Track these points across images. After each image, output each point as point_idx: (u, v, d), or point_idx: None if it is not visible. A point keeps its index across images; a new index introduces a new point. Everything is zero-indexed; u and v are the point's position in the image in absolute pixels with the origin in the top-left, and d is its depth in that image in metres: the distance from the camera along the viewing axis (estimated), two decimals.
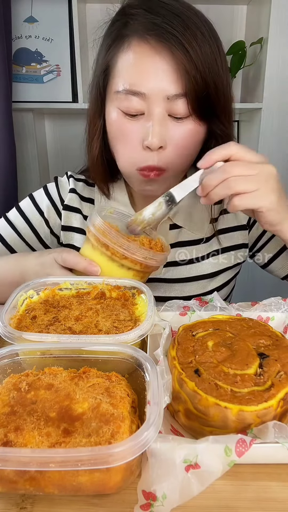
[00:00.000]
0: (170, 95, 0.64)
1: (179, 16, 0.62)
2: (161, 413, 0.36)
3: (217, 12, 1.71)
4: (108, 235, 0.60)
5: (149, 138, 0.65)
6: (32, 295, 0.59)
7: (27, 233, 0.84)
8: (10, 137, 1.55)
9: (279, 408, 0.41)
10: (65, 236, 0.86)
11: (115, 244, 0.60)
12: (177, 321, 0.57)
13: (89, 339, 0.47)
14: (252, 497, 0.37)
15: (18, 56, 1.66)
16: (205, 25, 0.65)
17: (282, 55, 1.57)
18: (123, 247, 0.60)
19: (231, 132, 0.74)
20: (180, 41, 0.61)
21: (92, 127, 0.76)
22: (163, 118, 0.66)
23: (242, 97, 1.86)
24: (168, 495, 0.34)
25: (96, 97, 0.73)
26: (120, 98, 0.67)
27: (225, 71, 0.68)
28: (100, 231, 0.61)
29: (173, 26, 0.61)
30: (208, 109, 0.67)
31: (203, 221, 0.84)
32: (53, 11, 1.63)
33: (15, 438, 0.35)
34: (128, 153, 0.70)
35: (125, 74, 0.65)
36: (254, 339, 0.49)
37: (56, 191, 0.86)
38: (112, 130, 0.71)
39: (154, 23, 0.62)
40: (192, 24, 0.63)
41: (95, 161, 0.78)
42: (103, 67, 0.69)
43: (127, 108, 0.66)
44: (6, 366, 0.44)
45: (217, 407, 0.40)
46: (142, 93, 0.64)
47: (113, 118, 0.69)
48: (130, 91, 0.65)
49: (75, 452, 0.32)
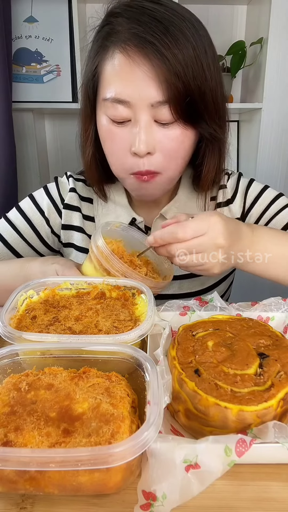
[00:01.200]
0: (154, 102, 0.64)
1: (161, 21, 0.61)
2: (161, 413, 0.36)
3: (217, 12, 1.71)
4: (111, 261, 0.59)
5: (136, 145, 0.66)
6: (32, 295, 0.59)
7: (28, 233, 0.85)
8: (10, 137, 1.55)
9: (279, 408, 0.41)
10: (65, 234, 0.86)
11: (117, 271, 0.60)
12: (177, 321, 0.57)
13: (89, 339, 0.47)
14: (252, 497, 0.37)
15: (18, 56, 1.66)
16: (191, 29, 0.63)
17: (282, 55, 1.57)
18: (125, 275, 0.60)
19: (222, 134, 0.73)
20: (158, 49, 0.61)
21: (84, 133, 0.76)
22: (149, 124, 0.66)
23: (242, 97, 1.86)
24: (168, 495, 0.34)
25: (86, 104, 0.73)
26: (107, 106, 0.67)
27: (214, 73, 0.67)
28: (103, 255, 0.60)
29: (152, 35, 0.61)
30: (194, 113, 0.67)
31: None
32: (53, 11, 1.63)
33: (15, 438, 0.35)
34: (119, 159, 0.71)
35: (110, 83, 0.66)
36: (254, 339, 0.49)
37: (57, 191, 0.87)
38: (102, 135, 0.72)
39: (133, 33, 0.62)
40: (175, 30, 0.62)
41: (89, 165, 0.79)
42: (91, 74, 0.70)
43: (114, 116, 0.67)
44: (6, 366, 0.44)
45: (217, 407, 0.40)
46: (126, 101, 0.65)
47: (103, 124, 0.70)
48: (115, 100, 0.65)
49: (75, 452, 0.32)
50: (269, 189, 0.84)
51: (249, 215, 0.84)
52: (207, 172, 0.77)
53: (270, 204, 0.82)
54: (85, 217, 0.86)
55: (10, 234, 0.84)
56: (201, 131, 0.70)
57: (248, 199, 0.84)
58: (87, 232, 0.86)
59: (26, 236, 0.84)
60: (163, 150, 0.68)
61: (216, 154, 0.75)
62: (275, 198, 0.82)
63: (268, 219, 0.81)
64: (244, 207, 0.84)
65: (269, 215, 0.82)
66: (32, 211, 0.85)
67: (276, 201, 0.82)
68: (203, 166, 0.76)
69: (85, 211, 0.86)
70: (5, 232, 0.84)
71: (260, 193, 0.83)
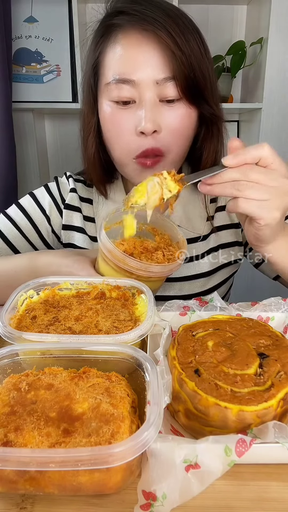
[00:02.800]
0: (159, 79, 0.66)
1: (161, 8, 0.66)
2: (161, 413, 0.36)
3: (217, 12, 1.72)
4: (129, 263, 0.59)
5: (142, 123, 0.67)
6: (32, 295, 0.59)
7: (28, 230, 0.84)
8: (10, 137, 1.55)
9: (279, 408, 0.41)
10: (66, 235, 0.86)
11: (138, 270, 0.59)
12: (177, 321, 0.57)
13: (89, 339, 0.47)
14: (252, 497, 0.37)
15: (18, 56, 1.66)
16: (186, 18, 0.68)
17: (282, 55, 1.57)
18: (148, 269, 0.59)
19: (221, 114, 0.76)
20: (163, 25, 0.64)
21: (87, 125, 0.77)
22: (155, 103, 0.67)
23: (242, 97, 1.86)
24: (168, 495, 0.34)
25: (88, 95, 0.75)
26: (110, 89, 0.68)
27: (209, 61, 0.71)
28: (119, 259, 0.59)
29: (156, 14, 0.64)
30: (197, 92, 0.69)
31: (199, 219, 0.84)
32: (53, 11, 1.63)
33: (15, 438, 0.35)
34: (123, 142, 0.71)
35: (114, 66, 0.68)
36: (254, 339, 0.49)
37: (57, 190, 0.87)
38: (106, 123, 0.72)
39: (137, 11, 0.65)
40: (174, 15, 0.66)
41: (92, 159, 0.79)
42: (92, 64, 0.72)
43: (118, 96, 0.68)
44: (6, 366, 0.44)
45: (217, 407, 0.40)
46: (131, 80, 0.66)
47: (106, 111, 0.71)
48: (120, 80, 0.67)
49: (75, 452, 0.32)
50: None
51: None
52: (206, 156, 0.77)
53: None
54: (85, 218, 0.86)
55: (9, 230, 0.83)
56: (202, 111, 0.72)
57: None
58: (88, 233, 0.86)
59: (26, 233, 0.84)
60: (169, 128, 0.69)
61: (215, 136, 0.77)
62: None
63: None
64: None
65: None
66: (32, 208, 0.85)
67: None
68: (203, 150, 0.77)
69: (85, 212, 0.86)
70: (4, 228, 0.83)
71: None
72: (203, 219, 0.84)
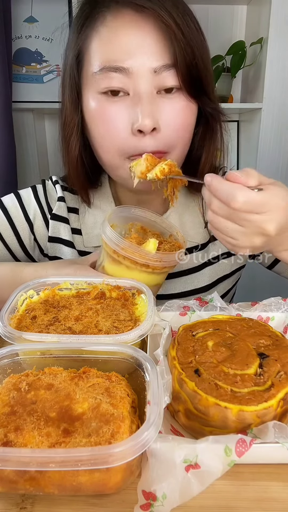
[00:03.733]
0: (157, 67, 0.57)
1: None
2: (161, 413, 0.36)
3: (217, 12, 1.72)
4: (145, 256, 0.59)
5: (139, 119, 0.58)
6: (32, 295, 0.59)
7: (7, 233, 0.76)
8: (10, 137, 1.55)
9: (279, 408, 0.41)
10: (52, 247, 0.79)
11: (155, 261, 0.60)
12: (177, 321, 0.57)
13: (89, 339, 0.47)
14: (252, 497, 0.37)
15: (18, 56, 1.66)
16: (184, 5, 0.60)
17: (282, 55, 1.57)
18: (163, 260, 0.60)
19: (220, 109, 0.69)
20: (163, 6, 0.55)
21: (69, 124, 0.67)
22: (152, 95, 0.59)
23: (242, 97, 1.86)
24: (168, 495, 0.34)
25: (71, 88, 0.65)
26: (98, 79, 0.59)
27: (207, 49, 0.63)
28: (135, 254, 0.59)
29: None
30: (198, 83, 0.61)
31: (197, 229, 0.80)
32: (53, 11, 1.63)
33: (15, 438, 0.35)
34: (115, 141, 0.62)
35: (102, 52, 0.58)
36: (254, 339, 0.49)
37: (44, 197, 0.79)
38: (93, 119, 0.63)
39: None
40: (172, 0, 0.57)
41: (75, 163, 0.70)
42: (75, 52, 0.62)
43: (108, 86, 0.58)
44: (6, 366, 0.44)
45: (217, 407, 0.40)
46: (124, 68, 0.57)
47: (93, 105, 0.62)
48: (109, 68, 0.57)
49: (75, 452, 0.32)
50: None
51: None
52: (206, 157, 0.71)
53: None
54: (73, 231, 0.78)
55: None
56: (203, 106, 0.65)
57: None
58: (76, 247, 0.78)
59: (5, 236, 0.76)
60: (169, 124, 0.61)
61: (215, 134, 0.71)
62: None
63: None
64: None
65: None
66: (16, 211, 0.76)
67: None
68: (203, 150, 0.71)
69: (73, 223, 0.79)
70: None
71: None
72: (200, 227, 0.80)
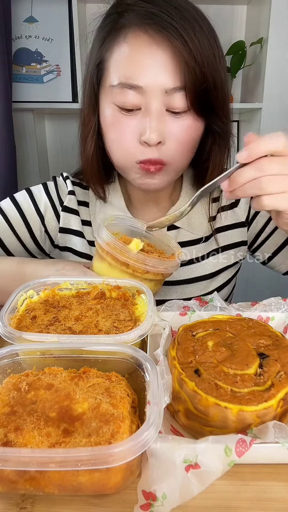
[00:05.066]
0: (168, 89, 0.62)
1: (177, 8, 0.60)
2: (161, 413, 0.36)
3: (217, 12, 1.72)
4: (126, 254, 0.59)
5: (147, 133, 0.63)
6: (32, 295, 0.59)
7: (20, 226, 0.81)
8: (10, 137, 1.55)
9: (279, 408, 0.41)
10: (63, 238, 0.84)
11: (136, 262, 0.59)
12: (177, 321, 0.57)
13: (89, 339, 0.47)
14: (252, 497, 0.37)
15: (18, 56, 1.66)
16: (203, 20, 0.63)
17: (282, 55, 1.57)
18: (145, 262, 0.60)
19: (229, 129, 0.73)
20: (178, 31, 0.59)
21: (86, 125, 0.73)
22: (161, 113, 0.64)
23: (242, 97, 1.86)
24: (168, 495, 0.34)
25: (90, 93, 0.70)
26: (115, 93, 0.64)
27: (223, 68, 0.67)
28: (116, 250, 0.60)
29: (171, 16, 0.59)
30: (207, 104, 0.65)
31: (201, 220, 0.83)
32: (53, 11, 1.63)
33: (15, 438, 0.35)
34: (125, 148, 0.68)
35: (120, 68, 0.63)
36: (254, 339, 0.49)
37: (55, 191, 0.84)
38: (107, 126, 0.69)
39: (151, 12, 0.60)
40: (190, 17, 0.61)
41: (90, 161, 0.76)
42: (96, 61, 0.67)
43: (123, 102, 0.64)
44: (6, 366, 0.44)
45: (217, 407, 0.40)
46: (138, 86, 0.62)
47: (108, 113, 0.67)
48: (126, 85, 0.63)
49: (75, 452, 0.32)
50: None
51: (255, 220, 0.84)
52: (213, 168, 0.75)
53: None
54: (83, 222, 0.84)
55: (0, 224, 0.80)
56: (211, 124, 0.69)
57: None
58: (86, 238, 0.83)
59: (17, 229, 0.81)
60: (173, 140, 0.66)
61: (223, 149, 0.74)
62: None
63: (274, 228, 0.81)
64: (249, 213, 0.84)
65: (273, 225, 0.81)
66: (27, 205, 0.81)
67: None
68: (210, 162, 0.75)
69: (83, 215, 0.84)
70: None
71: None
72: (205, 220, 0.83)
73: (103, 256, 0.62)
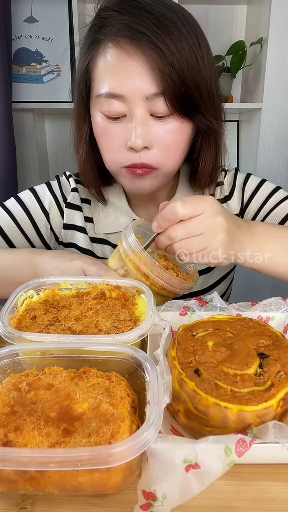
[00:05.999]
0: (149, 95, 0.63)
1: (152, 13, 0.61)
2: (161, 413, 0.36)
3: (217, 12, 1.72)
4: (150, 266, 0.59)
5: (132, 139, 0.65)
6: (32, 295, 0.59)
7: (26, 224, 0.82)
8: (10, 137, 1.55)
9: (279, 408, 0.41)
10: (67, 234, 0.85)
11: (157, 277, 0.59)
12: (177, 321, 0.57)
13: (89, 339, 0.47)
14: (252, 497, 0.37)
15: (18, 56, 1.66)
16: (183, 21, 0.63)
17: (282, 55, 1.57)
18: (164, 280, 0.59)
19: (218, 127, 0.73)
20: (151, 40, 0.60)
21: (78, 132, 0.75)
22: (145, 118, 0.65)
23: (242, 97, 1.86)
24: (168, 495, 0.34)
25: (79, 102, 0.73)
26: (101, 102, 0.67)
27: (209, 65, 0.67)
28: (142, 260, 0.59)
29: (144, 25, 0.60)
30: (190, 105, 0.66)
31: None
32: (53, 11, 1.63)
33: (15, 438, 0.35)
34: (113, 154, 0.70)
35: (104, 78, 0.65)
36: (254, 339, 0.49)
37: (59, 189, 0.85)
38: (97, 133, 0.71)
39: (124, 24, 0.61)
40: (167, 21, 0.62)
41: (83, 165, 0.78)
42: (83, 71, 0.69)
43: (109, 111, 0.66)
44: (6, 366, 0.44)
45: (217, 407, 0.40)
46: (121, 95, 0.64)
47: (98, 121, 0.69)
48: (110, 94, 0.65)
49: (75, 452, 0.32)
50: (267, 182, 0.84)
51: (247, 209, 0.84)
52: (203, 166, 0.76)
53: (268, 198, 0.81)
54: (86, 219, 0.85)
55: (6, 223, 0.81)
56: (197, 123, 0.70)
57: (245, 194, 0.84)
58: (88, 234, 0.85)
59: (23, 227, 0.82)
60: (160, 144, 0.67)
61: (212, 147, 0.75)
62: (273, 191, 0.82)
63: (267, 213, 0.81)
64: (242, 202, 0.84)
65: (267, 208, 0.81)
66: (32, 203, 0.83)
67: (274, 194, 0.81)
68: (200, 160, 0.76)
69: (85, 212, 0.86)
70: (1, 220, 0.81)
71: (257, 187, 0.83)
72: None
73: (125, 261, 0.61)
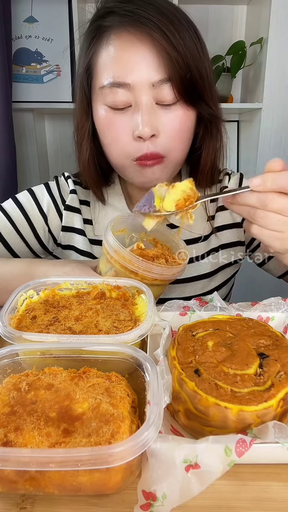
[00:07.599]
0: (155, 82, 0.64)
1: (153, 4, 0.63)
2: (161, 413, 0.36)
3: (217, 12, 1.72)
4: (136, 263, 0.59)
5: (140, 127, 0.65)
6: (32, 295, 0.59)
7: (23, 227, 0.81)
8: (10, 137, 1.55)
9: (279, 408, 0.41)
10: (65, 236, 0.85)
11: (145, 271, 0.59)
12: (177, 321, 0.57)
13: (89, 339, 0.47)
14: (252, 497, 0.37)
15: (18, 56, 1.66)
16: (181, 14, 0.65)
17: (282, 55, 1.57)
18: (153, 272, 0.60)
19: (220, 114, 0.75)
20: (157, 25, 0.61)
21: (81, 130, 0.75)
22: (151, 106, 0.65)
23: (242, 97, 1.86)
24: (168, 495, 0.34)
25: (82, 98, 0.72)
26: (105, 93, 0.66)
27: (207, 59, 0.69)
28: (126, 259, 0.60)
29: (148, 12, 0.62)
30: (194, 93, 0.67)
31: (200, 219, 0.83)
32: (53, 11, 1.63)
33: (15, 438, 0.35)
34: (121, 146, 0.70)
35: (108, 68, 0.65)
36: (254, 339, 0.49)
37: (57, 190, 0.85)
38: (101, 127, 0.71)
39: (129, 10, 0.62)
40: (168, 12, 0.63)
41: (86, 164, 0.77)
42: (85, 66, 0.69)
43: (114, 102, 0.66)
44: (6, 366, 0.44)
45: (217, 407, 0.40)
46: (126, 83, 0.64)
47: (101, 115, 0.69)
48: (114, 84, 0.65)
49: (75, 452, 0.32)
50: None
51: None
52: (206, 157, 0.76)
53: None
54: (85, 221, 0.85)
55: (3, 225, 0.80)
56: (201, 111, 0.71)
57: None
58: (87, 236, 0.84)
59: (21, 229, 0.81)
60: (167, 132, 0.67)
61: (214, 136, 0.76)
62: None
63: None
64: None
65: None
66: (30, 205, 0.82)
67: None
68: (203, 150, 0.76)
69: (84, 214, 0.85)
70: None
71: None
72: (203, 220, 0.84)
73: (112, 262, 0.62)
